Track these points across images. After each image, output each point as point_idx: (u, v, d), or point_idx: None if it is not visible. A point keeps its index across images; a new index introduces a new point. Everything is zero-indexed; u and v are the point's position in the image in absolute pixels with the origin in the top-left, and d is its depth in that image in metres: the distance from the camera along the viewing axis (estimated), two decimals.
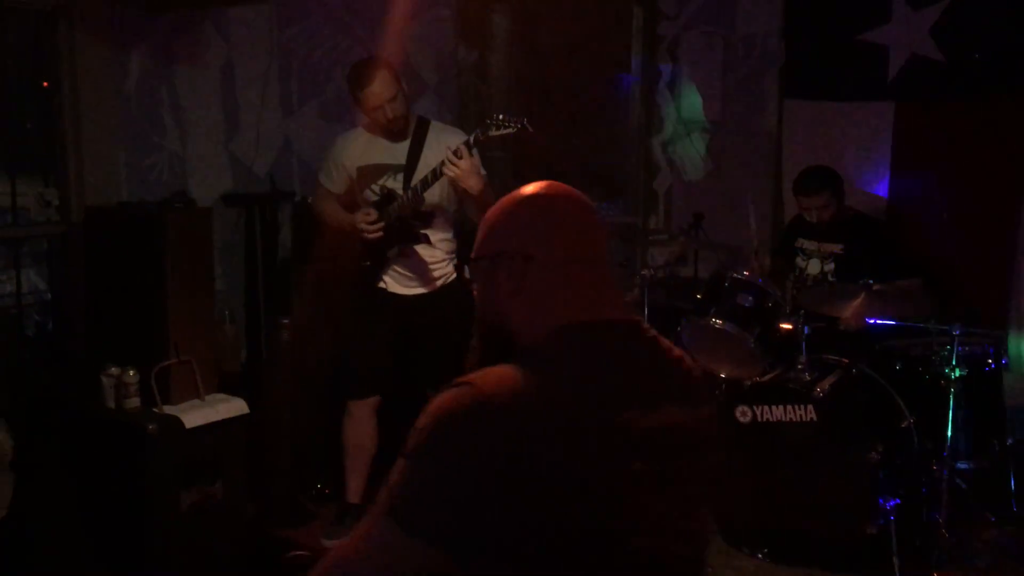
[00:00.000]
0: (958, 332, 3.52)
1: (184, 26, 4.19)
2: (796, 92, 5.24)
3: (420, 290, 3.86)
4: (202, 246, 3.61)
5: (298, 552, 3.17)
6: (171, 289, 3.43)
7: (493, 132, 3.41)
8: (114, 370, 3.41)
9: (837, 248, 4.17)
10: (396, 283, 3.85)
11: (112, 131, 3.97)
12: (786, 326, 3.86)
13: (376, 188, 3.76)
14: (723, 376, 3.97)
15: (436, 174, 3.54)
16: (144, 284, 3.47)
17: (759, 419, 3.63)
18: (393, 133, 3.73)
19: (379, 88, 3.58)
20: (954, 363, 3.55)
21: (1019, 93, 4.46)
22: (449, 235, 3.90)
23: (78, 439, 3.43)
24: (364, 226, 3.67)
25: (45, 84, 3.83)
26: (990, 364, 3.92)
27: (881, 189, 4.94)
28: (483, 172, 3.61)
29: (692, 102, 5.47)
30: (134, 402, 3.41)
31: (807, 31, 5.16)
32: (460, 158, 3.41)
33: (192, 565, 3.40)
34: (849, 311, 3.75)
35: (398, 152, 3.75)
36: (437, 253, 3.84)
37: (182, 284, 3.47)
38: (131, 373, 3.41)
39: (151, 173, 4.14)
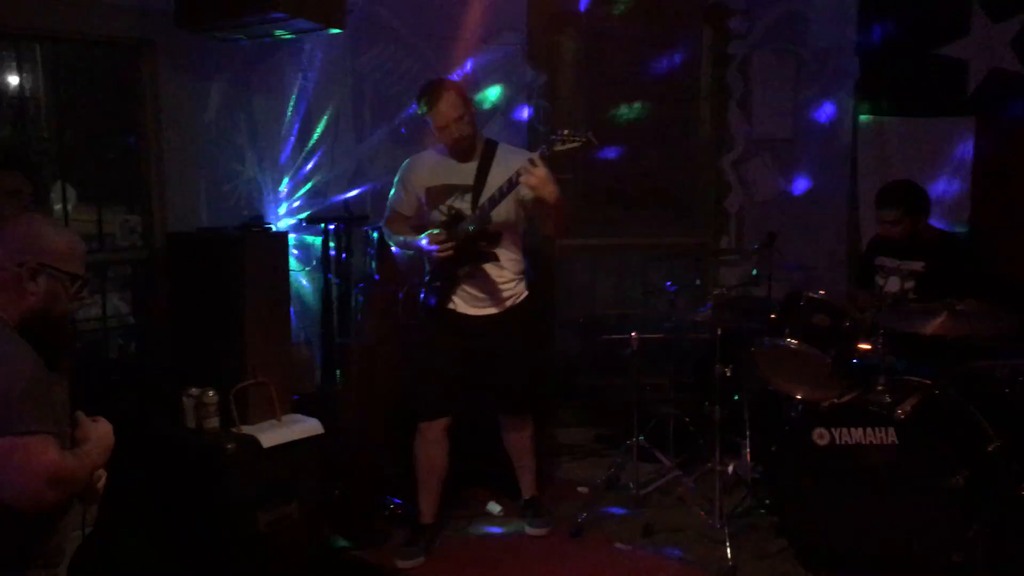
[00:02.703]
0: None
1: (261, 55, 4.30)
2: (871, 108, 5.15)
3: (490, 310, 3.87)
4: (278, 270, 3.69)
5: None
6: (249, 312, 3.51)
7: (559, 147, 3.43)
8: (194, 391, 3.50)
9: (918, 266, 4.07)
10: (466, 304, 3.87)
11: (192, 159, 4.09)
12: (864, 346, 3.77)
13: (444, 209, 3.80)
14: (799, 397, 3.89)
15: (503, 192, 3.57)
16: (223, 307, 3.55)
17: (837, 442, 3.54)
18: (461, 153, 3.78)
19: (446, 108, 3.64)
20: None
21: None
22: (518, 255, 3.91)
23: (160, 458, 3.52)
24: (434, 246, 3.71)
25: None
26: None
27: (962, 206, 4.80)
28: (557, 184, 3.62)
29: (763, 120, 5.41)
30: (213, 422, 3.49)
31: (882, 46, 5.07)
32: (536, 167, 3.43)
33: None
34: (931, 330, 3.64)
35: (466, 173, 3.79)
36: (506, 273, 3.86)
37: (259, 307, 3.55)
38: (211, 394, 3.49)
39: (229, 199, 4.25)
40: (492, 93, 5.04)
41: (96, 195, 3.95)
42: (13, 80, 3.69)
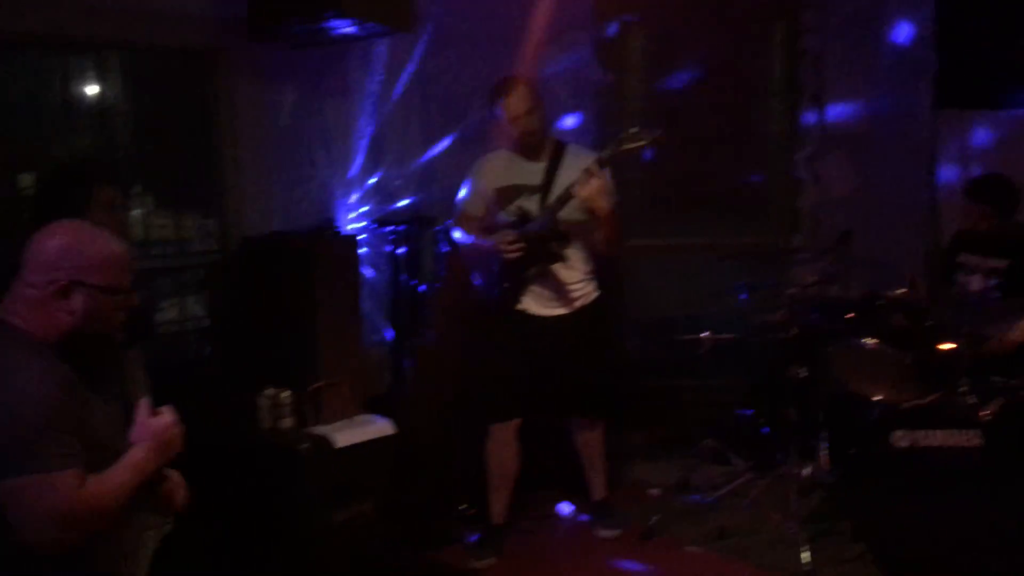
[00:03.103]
0: None
1: (331, 61, 4.36)
2: (950, 101, 5.00)
3: (559, 311, 3.86)
4: (349, 272, 3.73)
5: None
6: (321, 314, 3.56)
7: (627, 145, 3.41)
8: (269, 392, 3.56)
9: (1002, 264, 3.93)
10: (535, 304, 3.87)
11: (266, 164, 4.16)
12: (947, 346, 3.66)
13: (513, 209, 3.81)
14: (878, 399, 3.80)
15: (572, 194, 3.56)
16: (296, 309, 3.61)
17: (918, 444, 3.45)
18: (530, 151, 3.78)
19: (517, 100, 3.66)
20: None
21: None
22: (587, 255, 3.90)
23: (236, 458, 3.59)
24: (503, 247, 3.71)
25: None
26: None
27: None
28: (614, 194, 3.60)
29: (837, 116, 5.30)
30: (288, 422, 3.55)
31: (961, 38, 4.92)
32: (591, 176, 3.42)
33: None
34: (1016, 332, 3.53)
35: (535, 173, 3.79)
36: (575, 273, 3.85)
37: (331, 309, 3.60)
38: (285, 395, 3.54)
39: (302, 203, 4.31)
40: (560, 93, 5.03)
41: (173, 201, 4.04)
42: (93, 90, 3.80)
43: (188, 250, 4.01)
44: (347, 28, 3.78)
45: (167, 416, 2.13)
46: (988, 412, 3.35)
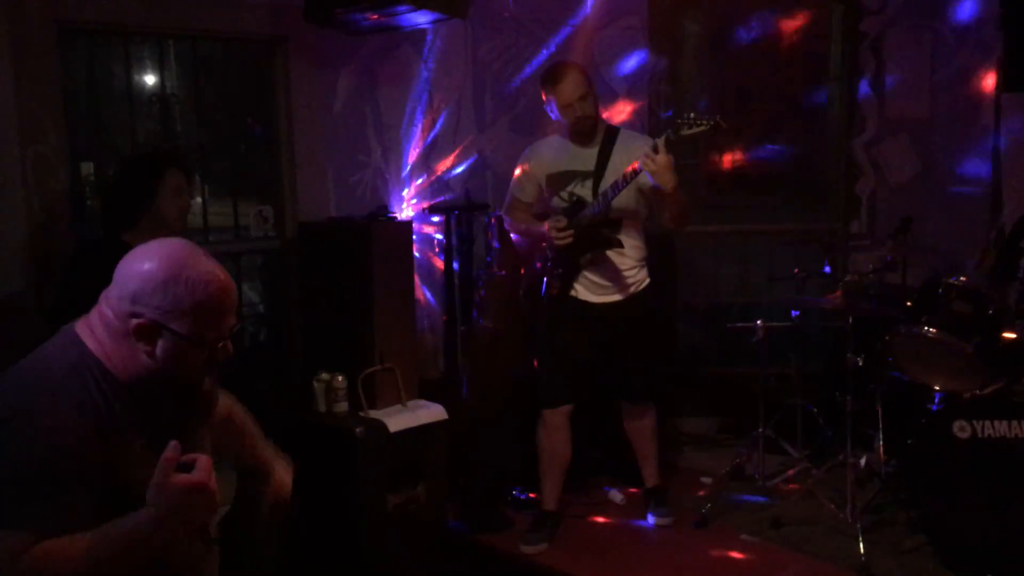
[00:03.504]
0: None
1: (385, 48, 4.38)
2: (1016, 86, 4.86)
3: (612, 297, 3.85)
4: (404, 258, 3.76)
5: None
6: (376, 299, 3.59)
7: (685, 131, 3.37)
8: (324, 376, 3.61)
9: None
10: (588, 291, 3.86)
11: (322, 151, 4.20)
12: (1010, 335, 3.57)
13: (565, 195, 3.79)
14: (938, 388, 3.73)
15: (626, 179, 3.53)
16: (351, 295, 3.65)
17: (980, 435, 3.38)
18: (582, 137, 3.76)
19: (569, 86, 3.64)
20: None
21: None
22: (639, 242, 3.87)
23: (291, 440, 3.63)
24: (555, 233, 3.71)
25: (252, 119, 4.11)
26: None
27: None
28: (677, 174, 3.56)
29: (898, 101, 5.18)
30: (343, 406, 3.59)
31: None
32: (657, 153, 3.38)
33: (399, 566, 3.53)
34: None
35: (587, 159, 3.77)
36: (627, 260, 3.83)
37: (385, 294, 3.63)
38: (340, 379, 3.58)
39: (357, 189, 4.35)
40: (613, 78, 5.00)
41: (231, 187, 4.10)
42: (152, 78, 3.87)
43: (245, 236, 4.07)
44: (402, 14, 3.79)
45: (198, 473, 1.66)
46: None
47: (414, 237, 3.92)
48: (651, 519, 4.07)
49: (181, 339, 1.69)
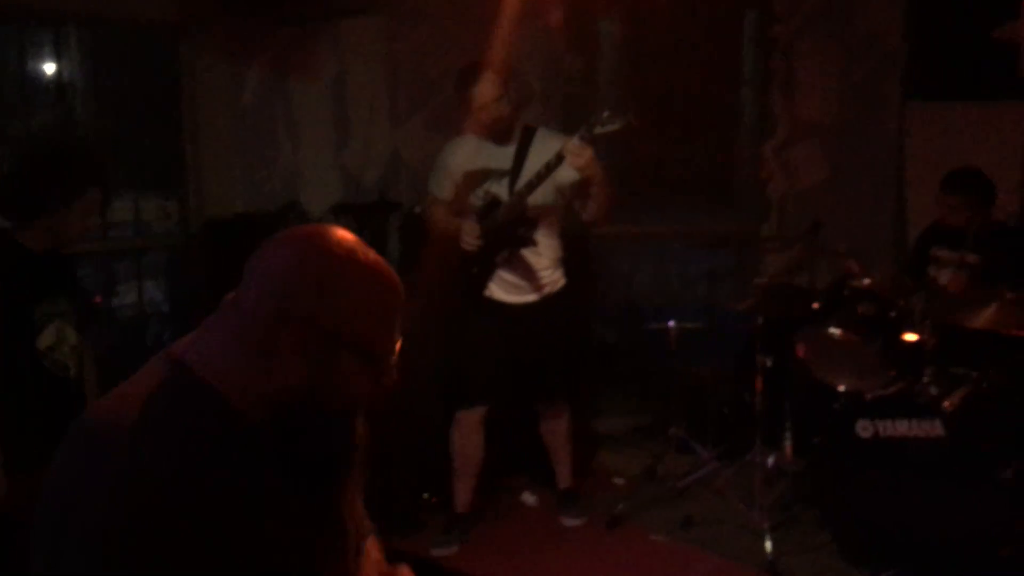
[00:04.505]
0: None
1: (299, 40, 4.29)
2: (919, 93, 5.01)
3: (528, 298, 3.83)
4: None
5: None
6: None
7: (599, 129, 3.37)
8: None
9: (974, 259, 3.94)
10: (503, 291, 3.83)
11: (229, 145, 4.09)
12: (911, 337, 3.67)
13: (480, 193, 3.76)
14: (843, 389, 3.80)
15: (541, 176, 3.52)
16: None
17: (881, 434, 3.46)
18: (499, 136, 3.73)
19: (485, 88, 3.61)
20: None
21: None
22: (556, 242, 3.86)
23: None
24: (465, 236, 3.68)
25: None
26: None
27: (1013, 194, 4.66)
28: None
29: (807, 105, 5.29)
30: None
31: (931, 29, 4.93)
32: (581, 146, 3.37)
33: None
34: (981, 320, 3.53)
35: (504, 157, 3.74)
36: (543, 260, 3.81)
37: None
38: None
39: (265, 185, 4.25)
40: (530, 77, 4.99)
41: (132, 181, 3.96)
42: (50, 66, 3.70)
43: (147, 232, 3.94)
44: (316, 6, 3.71)
45: None
46: (950, 403, 3.36)
47: None
48: (563, 520, 4.07)
49: (344, 349, 1.25)
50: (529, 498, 4.30)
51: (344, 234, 1.30)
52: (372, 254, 1.31)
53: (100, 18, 3.70)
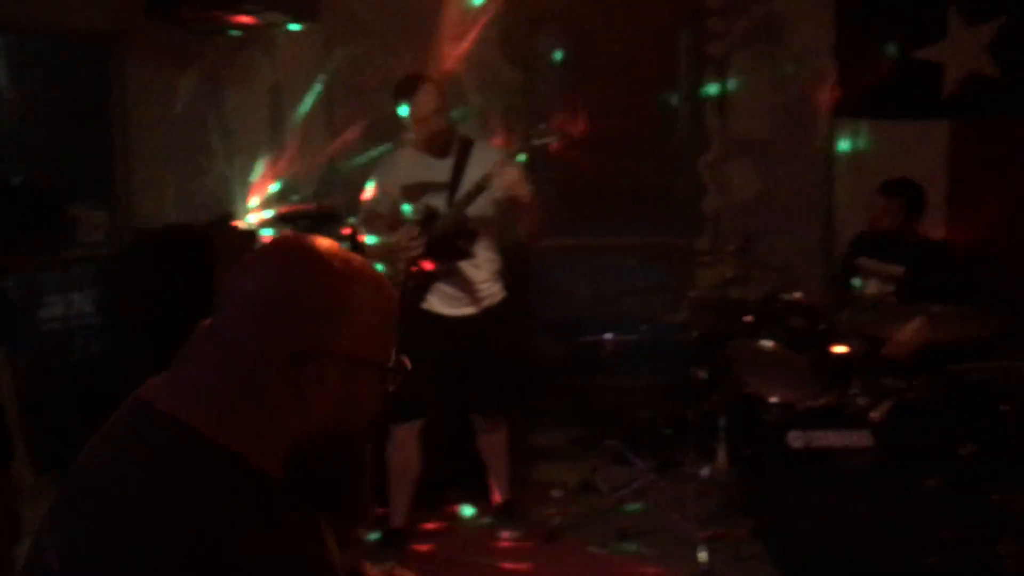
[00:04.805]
0: (1019, 356, 3.40)
1: (233, 49, 4.23)
2: (848, 111, 5.14)
3: (466, 310, 3.82)
4: None
5: None
6: None
7: (536, 141, 3.41)
8: None
9: (899, 271, 4.05)
10: (441, 304, 3.82)
11: (162, 154, 4.02)
12: (840, 349, 3.76)
13: (419, 207, 3.75)
14: (774, 400, 3.87)
15: (481, 187, 3.53)
16: (192, 305, 3.49)
17: (812, 444, 3.53)
18: (436, 149, 3.73)
19: (423, 100, 3.61)
20: (1015, 388, 3.42)
21: None
22: (494, 255, 3.87)
23: None
24: (405, 243, 3.66)
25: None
26: None
27: (938, 210, 4.80)
28: (530, 184, 3.59)
29: (740, 121, 5.40)
30: None
31: (859, 48, 5.07)
32: (509, 164, 3.40)
33: None
34: (903, 335, 3.63)
35: (442, 170, 3.74)
36: (482, 273, 3.82)
37: None
38: None
39: (199, 195, 4.18)
40: (468, 90, 4.99)
41: (61, 191, 3.86)
42: None
43: (76, 242, 3.84)
44: (250, 15, 3.67)
45: None
46: (878, 413, 3.44)
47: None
48: (500, 534, 4.06)
49: (361, 367, 1.18)
50: (466, 511, 4.28)
51: (327, 243, 1.20)
52: (359, 259, 1.22)
53: (27, 26, 3.60)
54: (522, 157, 3.50)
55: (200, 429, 1.09)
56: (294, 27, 3.69)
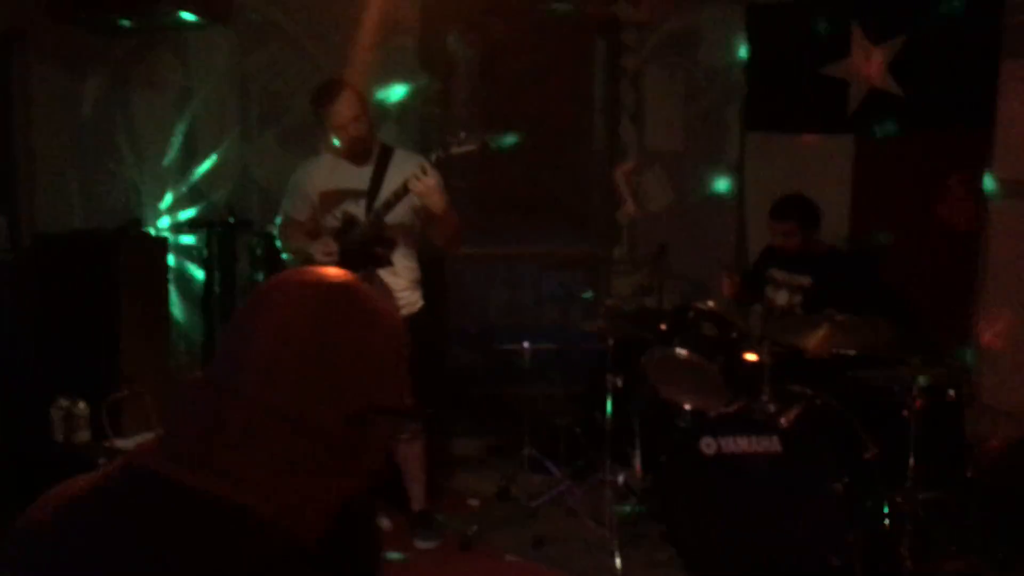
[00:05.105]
0: (919, 363, 3.52)
1: (142, 51, 4.12)
2: (758, 124, 5.28)
3: None
4: (157, 275, 3.54)
5: None
6: (124, 319, 3.36)
7: (455, 150, 3.41)
8: (63, 402, 3.32)
9: (806, 281, 4.17)
10: None
11: (66, 157, 3.89)
12: (750, 356, 3.84)
13: (338, 214, 3.72)
14: (688, 407, 3.94)
15: (398, 196, 3.51)
16: (96, 313, 3.38)
17: (723, 450, 3.59)
18: (356, 156, 3.70)
19: (343, 106, 3.57)
20: (915, 394, 3.55)
21: (975, 125, 4.52)
22: (413, 263, 3.85)
23: (23, 473, 3.31)
24: (320, 256, 3.62)
25: None
26: (951, 395, 3.93)
27: (843, 221, 4.97)
28: (446, 195, 3.59)
29: (655, 133, 5.49)
30: (84, 435, 3.32)
31: (769, 64, 5.21)
32: (425, 174, 3.39)
33: None
34: (814, 341, 3.74)
35: (361, 177, 3.71)
36: (401, 281, 3.79)
37: (136, 314, 3.40)
38: (81, 406, 3.31)
39: (105, 200, 4.06)
40: (385, 97, 4.96)
41: None
42: None
43: None
44: (159, 16, 3.58)
45: None
46: (786, 419, 3.53)
47: (170, 252, 3.70)
48: (417, 543, 4.03)
49: (387, 414, 1.07)
50: (383, 521, 4.24)
51: (352, 280, 1.09)
52: (375, 293, 1.11)
53: None
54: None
55: (259, 510, 0.96)
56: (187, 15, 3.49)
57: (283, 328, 1.00)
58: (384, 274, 3.74)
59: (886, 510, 3.66)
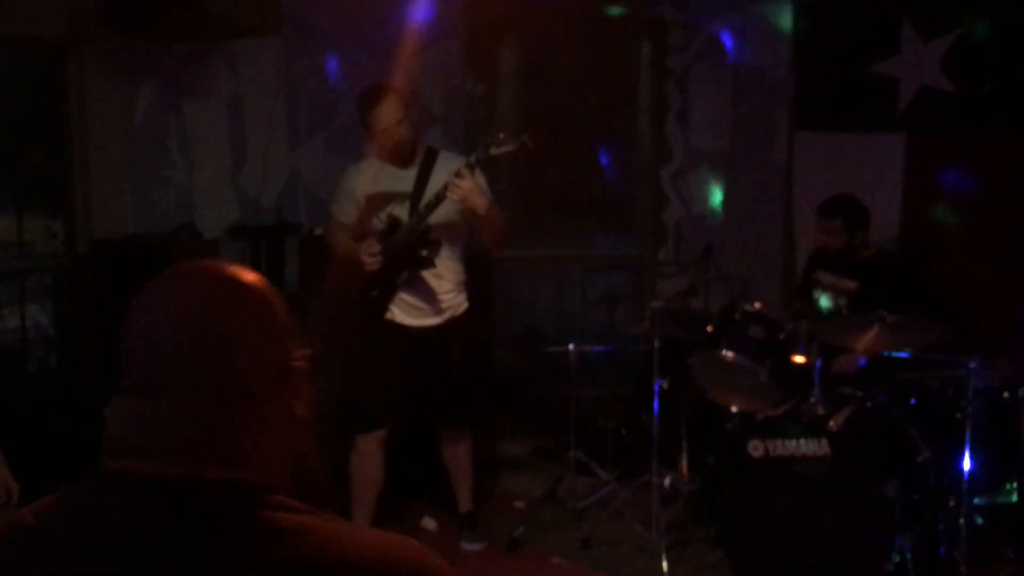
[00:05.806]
0: (974, 365, 3.46)
1: (193, 59, 4.20)
2: (806, 124, 5.22)
3: (429, 321, 3.82)
4: None
5: None
6: None
7: (494, 150, 3.42)
8: None
9: (852, 285, 4.12)
10: (404, 314, 3.81)
11: (120, 164, 3.97)
12: (799, 359, 3.80)
13: (383, 216, 3.75)
14: (735, 409, 3.91)
15: (440, 198, 3.53)
16: None
17: (771, 453, 3.56)
18: (401, 159, 3.74)
19: (387, 110, 3.61)
20: (971, 396, 3.48)
21: None
22: (458, 265, 3.87)
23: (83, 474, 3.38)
24: (364, 257, 3.66)
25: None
26: (1007, 397, 3.85)
27: (893, 221, 4.89)
28: (489, 194, 3.60)
29: (701, 134, 5.45)
30: None
31: (817, 63, 5.15)
32: (462, 178, 3.41)
33: None
34: (859, 345, 3.68)
35: (406, 180, 3.75)
36: (445, 283, 3.82)
37: None
38: None
39: (158, 206, 4.14)
40: (431, 102, 5.00)
41: (18, 200, 3.80)
42: None
43: (31, 253, 3.78)
44: (210, 26, 3.65)
45: None
46: (835, 422, 3.49)
47: (222, 257, 3.76)
48: (464, 545, 4.05)
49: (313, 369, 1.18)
50: (429, 522, 4.27)
51: (212, 264, 1.15)
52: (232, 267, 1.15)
53: None
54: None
55: (251, 481, 1.06)
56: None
57: (178, 320, 1.07)
58: (429, 277, 3.77)
59: (940, 515, 3.60)
